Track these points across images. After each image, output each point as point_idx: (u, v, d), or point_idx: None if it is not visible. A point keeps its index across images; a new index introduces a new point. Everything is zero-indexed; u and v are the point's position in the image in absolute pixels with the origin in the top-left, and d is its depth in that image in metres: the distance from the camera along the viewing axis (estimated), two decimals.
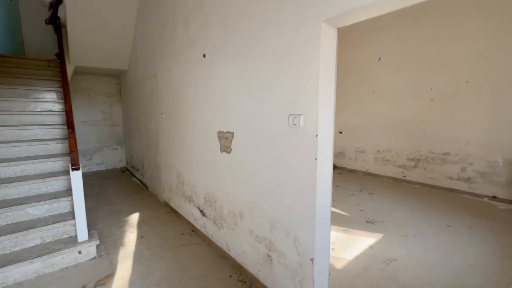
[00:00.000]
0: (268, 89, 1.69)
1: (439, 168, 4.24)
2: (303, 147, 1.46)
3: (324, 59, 1.33)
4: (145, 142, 4.47)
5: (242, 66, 1.91)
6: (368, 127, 5.19)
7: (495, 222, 3.01)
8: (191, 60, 2.64)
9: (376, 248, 2.50)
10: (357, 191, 4.24)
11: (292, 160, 1.54)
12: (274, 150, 1.68)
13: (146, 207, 3.73)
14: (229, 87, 2.09)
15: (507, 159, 3.54)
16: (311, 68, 1.37)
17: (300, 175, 1.50)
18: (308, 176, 1.44)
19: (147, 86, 4.09)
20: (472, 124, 3.83)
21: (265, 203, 1.81)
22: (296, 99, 1.48)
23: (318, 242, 1.46)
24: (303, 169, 1.47)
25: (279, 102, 1.60)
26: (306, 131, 1.43)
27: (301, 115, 1.45)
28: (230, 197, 2.20)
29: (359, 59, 5.20)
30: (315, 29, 1.33)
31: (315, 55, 1.34)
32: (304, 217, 1.50)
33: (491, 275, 2.07)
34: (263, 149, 1.77)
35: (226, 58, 2.09)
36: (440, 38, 4.04)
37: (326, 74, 1.36)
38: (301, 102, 1.45)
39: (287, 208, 1.63)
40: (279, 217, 1.70)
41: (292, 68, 1.49)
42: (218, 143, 2.32)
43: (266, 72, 1.69)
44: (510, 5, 3.38)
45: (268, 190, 1.77)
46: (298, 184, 1.52)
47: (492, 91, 3.62)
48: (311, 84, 1.38)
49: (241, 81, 1.94)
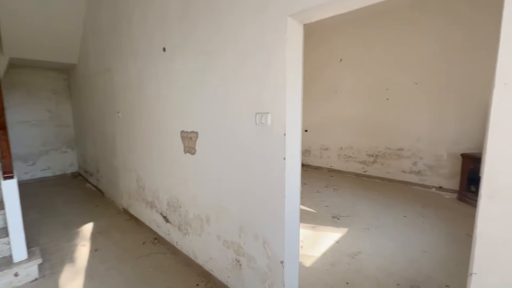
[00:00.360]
0: (234, 86, 1.60)
1: (394, 163, 4.58)
2: (271, 147, 1.41)
3: (291, 55, 1.29)
4: (100, 143, 4.06)
5: (206, 62, 1.80)
6: (332, 126, 5.40)
7: (442, 210, 3.33)
8: (150, 55, 2.43)
9: (342, 243, 2.57)
10: (322, 188, 4.37)
11: (260, 160, 1.48)
12: (241, 150, 1.60)
13: (102, 215, 3.38)
14: (192, 84, 1.96)
15: (450, 153, 3.95)
16: (278, 64, 1.32)
17: (268, 176, 1.44)
18: (276, 176, 1.40)
19: (100, 82, 3.71)
20: (422, 121, 4.20)
21: (233, 206, 1.73)
22: (262, 97, 1.42)
23: (287, 244, 1.43)
24: (271, 169, 1.42)
25: (245, 100, 1.53)
26: (273, 130, 1.38)
27: (268, 113, 1.39)
28: (196, 201, 2.07)
29: (322, 60, 5.38)
30: (281, 24, 1.28)
31: (282, 51, 1.29)
32: (273, 219, 1.46)
33: (442, 260, 2.26)
34: (230, 150, 1.69)
35: (188, 53, 1.95)
36: (393, 42, 4.36)
37: (293, 71, 1.32)
38: (268, 100, 1.39)
39: (255, 210, 1.56)
40: (247, 220, 1.63)
41: (258, 64, 1.43)
42: (181, 143, 2.17)
43: (231, 68, 1.60)
44: (451, 15, 3.76)
45: (236, 192, 1.69)
46: (266, 185, 1.46)
47: (437, 92, 4.00)
48: (278, 81, 1.33)
49: (205, 78, 1.83)
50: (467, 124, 3.76)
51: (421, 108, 4.18)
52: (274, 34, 1.32)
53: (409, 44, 4.19)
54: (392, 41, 4.37)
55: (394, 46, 4.36)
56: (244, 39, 1.50)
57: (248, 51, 1.48)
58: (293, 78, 1.33)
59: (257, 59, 1.43)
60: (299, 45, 1.33)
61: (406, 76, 4.29)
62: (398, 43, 4.31)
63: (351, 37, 4.90)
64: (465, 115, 3.77)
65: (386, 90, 4.54)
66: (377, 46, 4.56)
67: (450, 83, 3.87)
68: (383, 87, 4.57)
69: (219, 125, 1.75)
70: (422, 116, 4.19)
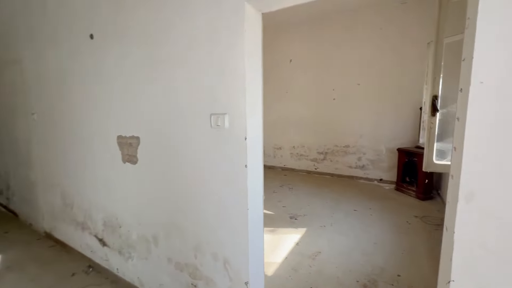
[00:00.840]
0: (184, 82, 1.36)
1: (342, 159, 4.87)
2: (230, 153, 1.22)
3: (250, 48, 1.13)
4: (9, 153, 3.24)
5: (149, 52, 1.50)
6: (284, 125, 5.47)
7: (384, 201, 3.63)
8: (74, 43, 1.98)
9: (301, 244, 2.55)
10: (278, 187, 4.37)
11: (218, 169, 1.28)
12: (195, 157, 1.37)
13: (14, 244, 2.67)
14: (131, 79, 1.63)
15: (388, 148, 4.37)
16: (235, 57, 1.14)
17: (228, 187, 1.25)
18: (237, 187, 1.22)
19: (5, 76, 2.94)
20: (364, 120, 4.54)
21: (186, 222, 1.48)
22: (218, 95, 1.22)
23: (252, 262, 1.27)
24: (231, 179, 1.24)
25: (198, 98, 1.31)
26: (232, 133, 1.20)
27: (225, 114, 1.20)
28: (140, 219, 1.75)
29: (273, 61, 5.39)
30: (238, 10, 1.10)
31: (240, 42, 1.12)
32: (235, 235, 1.28)
33: (391, 250, 2.41)
34: (181, 157, 1.44)
35: (126, 41, 1.61)
36: (338, 44, 4.61)
37: (253, 64, 1.16)
38: (225, 99, 1.20)
39: (214, 226, 1.36)
40: (204, 238, 1.41)
41: (213, 57, 1.22)
42: (119, 151, 1.80)
43: (181, 61, 1.36)
44: (387, 20, 4.14)
45: (189, 206, 1.45)
46: (226, 197, 1.27)
47: (376, 93, 4.38)
48: (235, 76, 1.15)
49: (148, 72, 1.53)
50: (401, 122, 4.21)
51: (363, 107, 4.53)
52: (231, 22, 1.14)
53: (352, 47, 4.49)
54: (337, 44, 4.62)
55: (338, 48, 4.62)
56: (195, 26, 1.27)
57: (202, 42, 1.26)
58: (253, 72, 1.17)
59: (211, 50, 1.23)
60: (258, 35, 1.17)
61: (349, 77, 4.58)
62: (342, 46, 4.58)
63: (299, 38, 5.02)
64: (399, 114, 4.21)
65: (333, 90, 4.78)
66: (323, 48, 4.77)
67: (386, 85, 4.27)
68: (330, 88, 4.81)
69: (166, 129, 1.48)
70: (364, 114, 4.53)
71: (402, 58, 4.08)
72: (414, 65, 3.94)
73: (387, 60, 4.21)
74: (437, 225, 2.87)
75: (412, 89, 4.01)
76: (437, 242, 2.53)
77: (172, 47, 1.38)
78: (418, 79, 3.83)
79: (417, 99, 3.90)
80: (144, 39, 1.50)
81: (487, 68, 0.69)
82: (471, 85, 0.71)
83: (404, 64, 4.07)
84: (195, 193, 1.40)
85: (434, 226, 2.87)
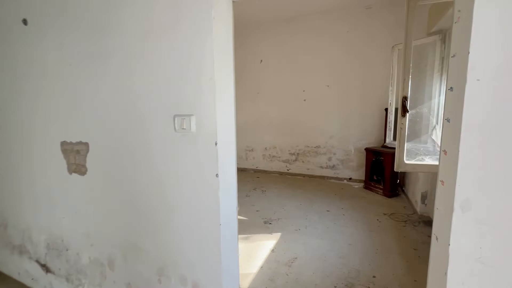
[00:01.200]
0: (142, 78, 1.16)
1: (313, 159, 4.91)
2: (198, 161, 1.05)
3: (219, 38, 0.98)
4: None
5: (98, 43, 1.26)
6: (256, 126, 5.37)
7: (354, 200, 3.71)
8: (3, 29, 1.63)
9: (277, 251, 2.44)
10: (251, 191, 4.24)
11: (184, 179, 1.10)
12: (156, 166, 1.17)
13: None
14: (77, 73, 1.37)
15: (356, 147, 4.51)
16: (202, 48, 0.98)
17: (197, 199, 1.08)
18: (208, 199, 1.05)
19: None
20: (333, 120, 4.63)
21: (148, 241, 1.27)
22: (184, 93, 1.05)
23: (226, 285, 1.11)
24: (200, 190, 1.07)
25: (159, 96, 1.12)
26: (201, 137, 1.03)
27: (192, 115, 1.03)
28: (92, 239, 1.48)
29: (243, 61, 5.26)
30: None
31: (207, 31, 0.96)
32: (207, 255, 1.11)
33: (365, 250, 2.42)
34: (139, 166, 1.23)
35: (68, 29, 1.35)
36: (307, 46, 4.64)
37: (223, 57, 1.01)
38: (191, 97, 1.03)
39: (181, 245, 1.17)
40: (170, 258, 1.22)
41: (176, 48, 1.05)
42: (64, 160, 1.52)
43: (138, 53, 1.15)
44: (353, 24, 4.26)
45: (152, 223, 1.25)
46: (195, 211, 1.10)
47: (344, 94, 4.49)
48: (203, 71, 0.99)
49: (97, 66, 1.29)
50: (368, 122, 4.36)
51: (333, 108, 4.61)
52: (197, 8, 0.97)
53: (320, 49, 4.54)
54: (306, 45, 4.65)
55: (308, 50, 4.65)
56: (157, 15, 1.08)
57: (163, 32, 1.08)
58: (223, 67, 1.02)
59: (173, 39, 1.05)
60: (228, 25, 1.03)
61: (319, 79, 4.64)
62: (311, 48, 4.62)
63: (269, 39, 4.96)
64: (366, 115, 4.36)
65: (303, 91, 4.80)
66: (293, 49, 4.77)
67: (353, 87, 4.40)
68: (300, 89, 4.82)
69: (121, 133, 1.26)
70: (334, 115, 4.62)
71: (368, 61, 4.23)
72: (379, 68, 4.11)
73: (354, 63, 4.34)
74: (404, 222, 2.99)
75: (378, 91, 4.17)
76: (406, 239, 2.61)
77: (126, 36, 1.17)
78: (383, 82, 3.99)
79: (382, 101, 4.06)
80: (90, 24, 1.26)
81: (485, 64, 0.62)
82: (467, 83, 0.64)
83: (370, 67, 4.23)
84: (158, 208, 1.20)
85: (402, 223, 2.97)
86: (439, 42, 2.78)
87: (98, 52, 1.27)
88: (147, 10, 1.09)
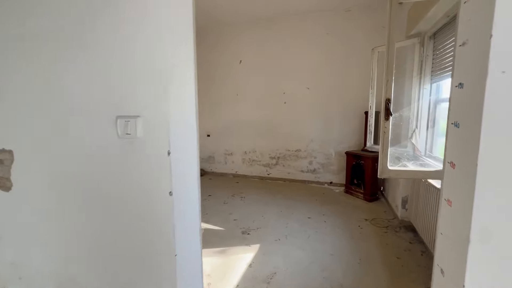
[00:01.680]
0: (76, 71, 0.92)
1: (294, 163, 4.79)
2: (145, 174, 0.83)
3: (175, 19, 0.77)
4: None
5: (20, 26, 1.00)
6: (235, 129, 5.16)
7: (335, 205, 3.61)
8: None
9: (255, 265, 2.24)
10: (229, 197, 4.02)
11: (128, 197, 0.87)
12: (95, 180, 0.93)
13: None
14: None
15: (337, 151, 4.44)
16: (151, 32, 0.76)
17: (144, 223, 0.86)
18: (157, 222, 0.83)
19: None
20: (314, 124, 4.54)
21: (88, 274, 1.02)
22: (126, 89, 0.82)
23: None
24: (147, 211, 0.84)
25: (97, 93, 0.88)
26: (148, 145, 0.81)
27: (138, 117, 0.81)
28: (19, 271, 1.19)
29: (220, 62, 5.06)
30: None
31: (161, 12, 0.74)
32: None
33: (347, 260, 2.29)
34: (74, 180, 0.98)
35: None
36: (288, 48, 4.53)
37: (180, 44, 0.79)
38: (137, 95, 0.81)
39: (127, 278, 0.94)
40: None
41: (117, 32, 0.82)
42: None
43: (71, 39, 0.91)
44: (332, 27, 4.21)
45: (93, 250, 1.00)
46: (142, 238, 0.87)
47: (324, 97, 4.42)
48: (153, 61, 0.77)
49: (20, 54, 1.02)
50: (348, 126, 4.31)
51: (313, 111, 4.52)
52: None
53: (300, 51, 4.45)
54: (286, 47, 4.54)
55: (288, 51, 4.54)
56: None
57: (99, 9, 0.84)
58: (181, 57, 0.81)
59: (116, 22, 0.82)
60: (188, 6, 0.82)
61: (299, 81, 4.53)
62: (291, 49, 4.51)
63: (248, 40, 4.80)
64: (346, 118, 4.31)
65: (283, 94, 4.68)
66: (273, 51, 4.63)
67: (333, 90, 4.34)
68: (281, 91, 4.69)
69: (52, 138, 1.00)
70: (314, 119, 4.53)
71: (347, 64, 4.20)
72: (359, 71, 4.08)
73: (334, 65, 4.29)
74: (385, 228, 2.92)
75: (358, 94, 4.14)
76: (388, 246, 2.52)
77: (55, 17, 0.92)
78: (364, 84, 3.96)
79: (363, 104, 4.03)
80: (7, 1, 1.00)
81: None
82: (488, 77, 0.48)
83: (350, 70, 4.19)
84: (99, 232, 0.96)
85: (383, 228, 2.90)
86: (418, 45, 2.76)
87: (20, 37, 1.00)
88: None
